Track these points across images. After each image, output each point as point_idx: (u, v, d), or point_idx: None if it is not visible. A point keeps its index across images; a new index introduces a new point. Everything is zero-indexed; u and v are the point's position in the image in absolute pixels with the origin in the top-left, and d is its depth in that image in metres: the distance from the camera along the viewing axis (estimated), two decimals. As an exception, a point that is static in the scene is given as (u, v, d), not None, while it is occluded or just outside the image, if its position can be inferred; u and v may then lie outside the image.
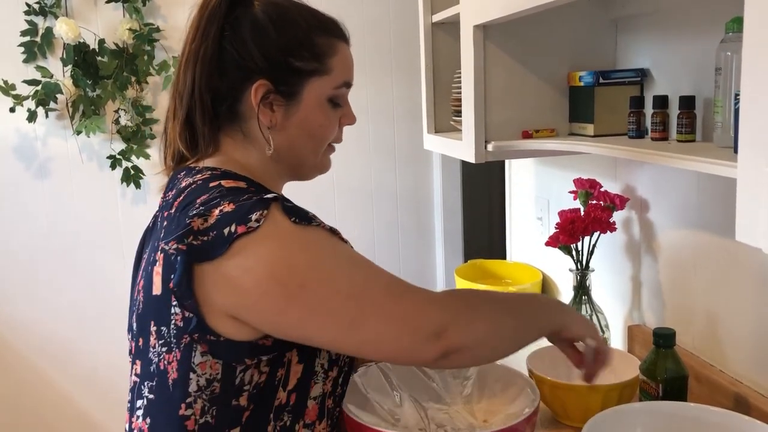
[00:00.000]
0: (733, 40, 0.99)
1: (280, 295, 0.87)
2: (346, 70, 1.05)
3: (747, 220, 0.69)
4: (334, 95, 1.04)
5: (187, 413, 0.93)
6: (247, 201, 0.88)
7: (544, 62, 1.49)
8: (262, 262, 0.86)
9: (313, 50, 1.00)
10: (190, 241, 0.88)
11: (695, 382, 1.27)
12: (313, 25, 1.01)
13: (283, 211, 0.89)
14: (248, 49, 0.98)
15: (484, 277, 2.10)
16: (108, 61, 2.58)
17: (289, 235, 0.88)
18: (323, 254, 0.90)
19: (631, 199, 1.52)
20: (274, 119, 1.00)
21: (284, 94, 0.99)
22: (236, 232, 0.85)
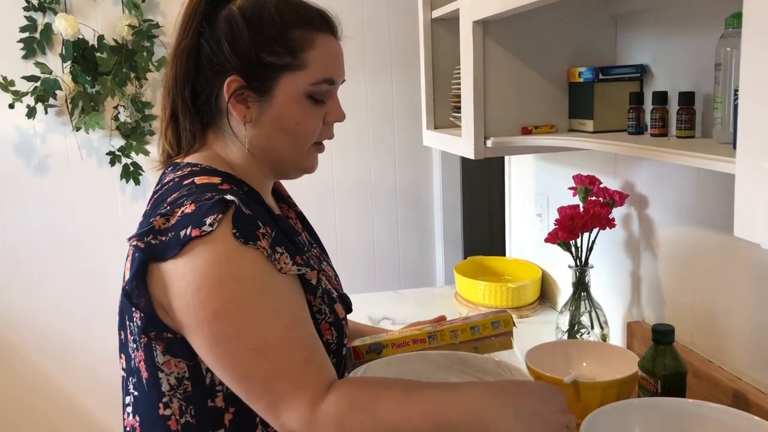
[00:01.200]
0: (732, 36, 0.99)
1: (195, 313, 0.86)
2: (327, 64, 1.00)
3: (746, 215, 0.69)
4: (313, 91, 0.99)
5: (167, 413, 0.94)
6: (207, 202, 0.88)
7: (544, 58, 1.49)
8: (196, 272, 0.86)
9: (286, 45, 0.97)
10: (149, 240, 0.88)
11: (694, 378, 1.27)
12: (290, 19, 0.97)
13: (233, 220, 0.87)
14: (221, 45, 0.97)
15: (483, 274, 2.10)
16: (107, 57, 2.58)
17: (227, 252, 0.86)
18: (248, 288, 0.87)
19: (630, 196, 1.52)
20: (249, 115, 0.99)
21: (257, 89, 0.98)
22: (190, 235, 0.86)
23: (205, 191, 0.91)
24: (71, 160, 2.68)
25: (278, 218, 1.02)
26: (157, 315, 0.90)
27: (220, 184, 0.94)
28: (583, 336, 1.52)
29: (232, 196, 0.89)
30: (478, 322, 1.21)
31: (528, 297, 1.93)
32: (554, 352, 1.37)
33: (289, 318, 0.89)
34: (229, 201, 0.88)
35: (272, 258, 0.89)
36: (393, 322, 1.89)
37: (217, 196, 0.89)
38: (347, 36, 1.10)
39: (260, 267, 0.88)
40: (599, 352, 1.38)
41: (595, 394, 1.21)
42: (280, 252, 0.90)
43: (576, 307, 1.52)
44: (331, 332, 0.99)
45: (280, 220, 1.02)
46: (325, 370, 0.90)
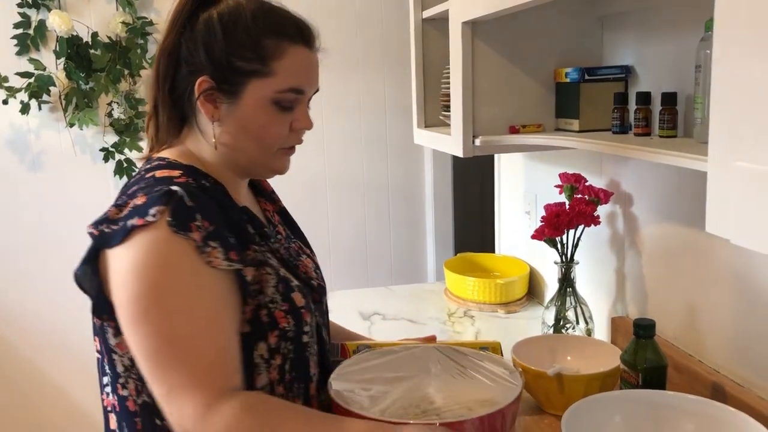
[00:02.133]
0: (711, 39, 1.02)
1: (120, 295, 0.92)
2: (295, 74, 1.03)
3: (716, 212, 0.72)
4: (279, 98, 1.03)
5: (124, 393, 0.99)
6: (156, 194, 0.93)
7: (532, 59, 1.52)
8: (131, 259, 0.91)
9: (256, 51, 1.00)
10: (102, 228, 0.94)
11: (675, 371, 1.30)
12: (263, 28, 1.01)
13: (171, 210, 0.92)
14: (197, 46, 1.02)
15: (473, 270, 2.13)
16: (101, 54, 2.60)
17: (157, 240, 0.91)
18: (171, 277, 0.92)
19: (615, 194, 1.55)
20: (217, 115, 1.03)
21: (226, 91, 1.02)
22: (134, 224, 0.91)
23: (159, 184, 0.96)
24: (65, 156, 2.70)
25: (239, 210, 1.06)
26: (106, 299, 0.96)
27: (178, 177, 0.99)
28: (568, 331, 1.55)
29: (178, 188, 0.94)
30: (468, 345, 1.26)
31: (516, 293, 1.97)
32: (540, 346, 1.40)
33: (205, 315, 0.93)
34: (174, 192, 0.93)
35: (202, 251, 0.92)
36: (384, 317, 1.91)
37: (166, 188, 0.94)
38: (334, 42, 1.13)
39: (187, 258, 0.92)
40: (584, 347, 1.41)
41: (579, 387, 1.24)
42: (213, 246, 0.93)
43: (561, 303, 1.55)
44: (287, 320, 1.02)
45: (239, 211, 1.05)
46: (228, 376, 0.93)
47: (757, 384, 1.18)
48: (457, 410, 1.10)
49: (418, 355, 1.22)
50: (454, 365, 1.20)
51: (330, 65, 3.16)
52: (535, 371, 1.27)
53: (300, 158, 3.20)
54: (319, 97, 2.85)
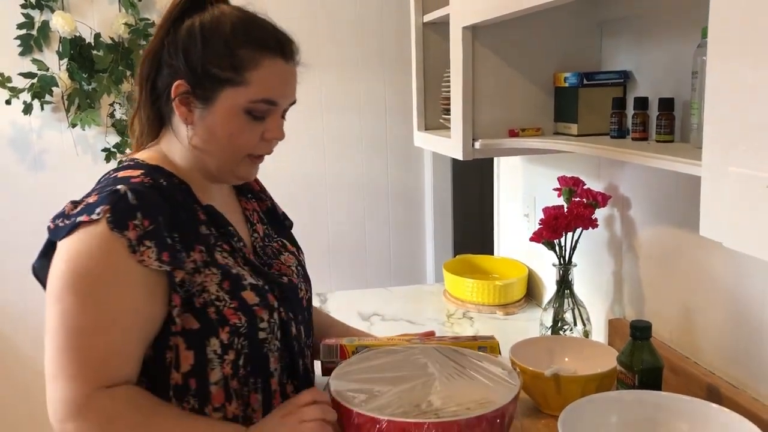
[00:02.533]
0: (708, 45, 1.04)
1: (51, 277, 0.98)
2: (269, 86, 1.06)
3: (710, 216, 0.74)
4: (252, 108, 1.05)
5: None
6: (105, 193, 0.99)
7: (531, 63, 1.54)
8: (68, 248, 0.97)
9: (231, 61, 1.03)
10: (57, 222, 1.01)
11: (671, 373, 1.31)
12: (241, 38, 1.04)
13: (112, 207, 0.97)
14: (177, 51, 1.06)
15: (472, 272, 2.14)
16: (103, 55, 2.62)
17: (93, 234, 0.97)
18: (96, 273, 0.96)
19: (613, 197, 1.56)
20: (190, 118, 1.07)
21: (200, 97, 1.05)
22: (81, 220, 0.97)
23: (114, 184, 1.01)
24: (67, 156, 2.72)
25: (199, 208, 1.09)
26: None
27: (136, 177, 1.03)
28: (566, 332, 1.56)
29: (124, 186, 0.99)
30: (466, 344, 1.27)
31: (514, 294, 1.98)
32: (538, 347, 1.41)
33: (113, 312, 0.98)
34: (118, 191, 0.98)
35: (134, 249, 0.97)
36: (383, 318, 1.93)
37: (114, 187, 0.99)
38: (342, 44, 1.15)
39: (115, 255, 0.97)
40: (581, 348, 1.42)
41: (576, 388, 1.26)
42: (147, 246, 0.97)
43: (559, 305, 1.57)
44: (238, 316, 1.05)
45: (196, 211, 1.08)
46: (113, 376, 0.98)
47: (751, 386, 1.20)
48: (456, 410, 1.11)
49: (418, 355, 1.23)
50: (452, 365, 1.21)
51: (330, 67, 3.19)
52: (533, 372, 1.28)
53: (300, 160, 3.23)
54: (319, 99, 2.88)
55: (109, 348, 0.98)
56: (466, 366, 1.21)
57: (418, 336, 1.37)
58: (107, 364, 0.98)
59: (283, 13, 1.25)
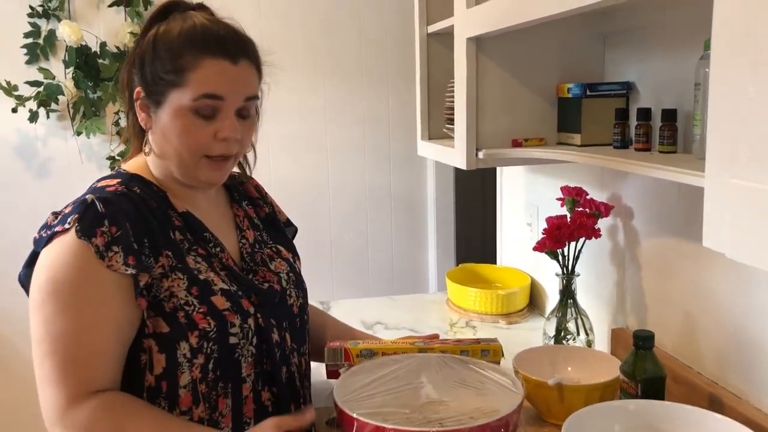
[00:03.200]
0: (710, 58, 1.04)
1: (30, 295, 1.05)
2: (210, 83, 1.07)
3: (713, 226, 0.75)
4: (196, 107, 1.07)
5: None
6: (77, 203, 1.05)
7: (535, 74, 1.55)
8: (43, 259, 1.04)
9: (174, 64, 1.08)
10: (41, 233, 1.07)
11: (673, 383, 1.32)
12: (185, 44, 1.08)
13: (80, 215, 1.02)
14: (138, 60, 1.12)
15: (475, 281, 2.15)
16: (109, 63, 2.64)
17: (63, 244, 1.02)
18: (69, 279, 1.01)
19: (616, 207, 1.57)
20: (149, 123, 1.13)
21: (153, 101, 1.11)
22: (56, 230, 1.03)
23: (89, 193, 1.07)
24: (72, 163, 2.73)
25: (173, 216, 1.13)
26: None
27: (111, 186, 1.09)
28: (569, 342, 1.57)
29: (92, 195, 1.05)
30: (469, 348, 1.28)
31: (517, 304, 1.99)
32: (541, 356, 1.42)
33: (90, 316, 1.02)
34: (86, 201, 1.04)
35: (102, 255, 1.01)
36: (386, 327, 1.93)
37: (85, 197, 1.05)
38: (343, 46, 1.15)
39: (85, 261, 1.01)
40: (584, 358, 1.43)
41: (579, 397, 1.26)
42: (115, 251, 1.02)
43: (563, 314, 1.57)
44: (207, 321, 1.08)
45: (167, 218, 1.12)
46: (96, 378, 1.02)
47: (753, 395, 1.20)
48: (460, 419, 1.12)
49: (422, 363, 1.24)
50: (456, 374, 1.22)
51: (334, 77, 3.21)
52: (536, 381, 1.29)
53: (304, 169, 3.24)
54: (323, 108, 2.90)
55: (91, 351, 1.02)
56: (470, 374, 1.21)
57: (422, 339, 1.37)
58: (90, 367, 1.02)
59: (286, 24, 1.26)
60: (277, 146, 2.84)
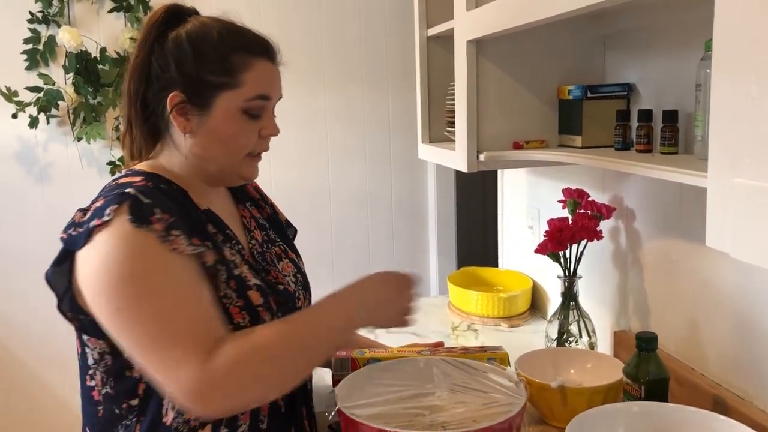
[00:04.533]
0: (711, 59, 1.04)
1: (95, 290, 0.99)
2: (261, 84, 1.10)
3: (716, 227, 0.74)
4: (248, 107, 1.10)
5: (92, 384, 1.07)
6: (111, 196, 1.01)
7: (535, 76, 1.55)
8: (97, 255, 0.98)
9: (224, 66, 1.08)
10: (70, 232, 1.02)
11: (677, 384, 1.31)
12: (229, 44, 1.09)
13: (129, 208, 0.99)
14: (168, 63, 1.09)
15: (476, 284, 2.14)
16: (109, 69, 2.63)
17: (123, 234, 0.98)
18: (141, 264, 0.98)
19: (617, 209, 1.57)
20: (189, 127, 1.10)
21: (197, 104, 1.09)
22: (95, 225, 0.98)
23: (117, 188, 1.04)
24: (72, 169, 2.73)
25: (199, 213, 1.12)
26: (73, 298, 1.03)
27: (138, 182, 1.06)
28: (571, 344, 1.56)
29: (130, 189, 1.01)
30: (475, 356, 1.29)
31: (519, 307, 1.98)
32: (543, 359, 1.41)
33: (177, 291, 0.99)
34: (126, 193, 1.00)
35: (165, 239, 0.99)
36: (388, 330, 1.92)
37: (121, 190, 1.01)
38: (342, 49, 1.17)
39: (152, 247, 0.98)
40: (586, 360, 1.42)
41: (582, 399, 1.26)
42: (176, 234, 1.00)
43: (565, 317, 1.57)
44: (242, 315, 1.07)
45: (196, 214, 1.11)
46: (216, 329, 0.99)
47: (758, 397, 1.20)
48: (463, 422, 1.11)
49: (425, 367, 1.24)
50: (459, 377, 1.21)
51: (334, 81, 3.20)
52: (539, 384, 1.28)
53: (304, 172, 3.24)
54: (323, 112, 2.90)
55: (198, 311, 0.99)
56: (473, 377, 1.21)
57: (428, 347, 1.37)
58: (206, 323, 0.98)
59: (287, 28, 1.27)
60: (277, 151, 2.83)
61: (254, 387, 0.98)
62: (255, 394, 1.00)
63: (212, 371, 0.94)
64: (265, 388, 1.00)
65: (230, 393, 0.95)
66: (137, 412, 1.05)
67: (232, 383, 0.95)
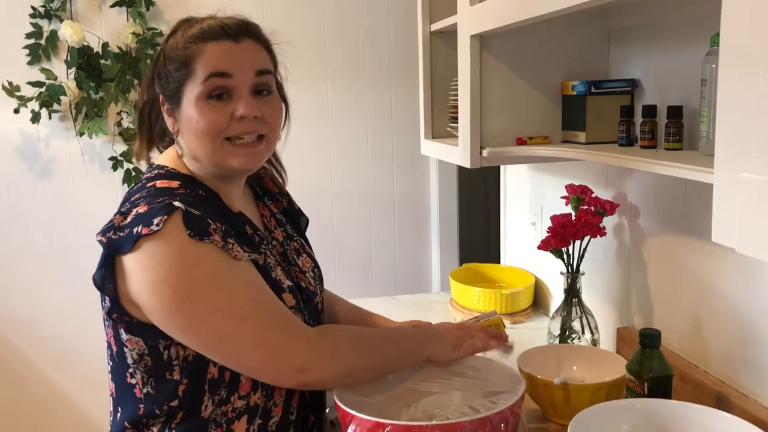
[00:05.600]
0: (717, 54, 1.03)
1: (168, 299, 1.00)
2: (212, 64, 1.10)
3: (722, 222, 0.74)
4: (207, 89, 1.09)
5: (132, 382, 1.09)
6: (157, 205, 1.02)
7: (539, 72, 1.54)
8: (159, 264, 1.00)
9: (183, 59, 1.11)
10: (110, 235, 1.03)
11: (680, 381, 1.31)
12: (190, 39, 1.11)
13: (183, 221, 1.01)
14: (158, 71, 1.16)
15: (478, 280, 2.14)
16: (111, 64, 2.63)
17: (184, 247, 1.00)
18: (213, 270, 1.02)
19: (621, 205, 1.56)
20: (175, 126, 1.15)
21: (172, 102, 1.14)
22: (141, 233, 1.00)
23: (159, 195, 1.06)
24: (74, 164, 2.73)
25: (235, 216, 1.15)
26: (120, 301, 1.05)
27: (177, 189, 1.09)
28: (574, 341, 1.56)
29: (179, 202, 1.03)
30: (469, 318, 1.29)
31: (521, 303, 1.98)
32: (546, 355, 1.41)
33: (256, 288, 1.06)
34: (176, 206, 1.02)
35: (226, 248, 1.03)
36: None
37: (167, 200, 1.03)
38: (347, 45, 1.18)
39: (217, 256, 1.02)
40: (589, 356, 1.42)
41: (585, 396, 1.25)
42: (232, 242, 1.05)
43: (567, 313, 1.56)
44: None
45: (234, 217, 1.15)
46: (299, 319, 1.10)
47: (761, 394, 1.19)
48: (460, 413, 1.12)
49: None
50: (457, 368, 1.22)
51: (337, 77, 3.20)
52: (542, 380, 1.28)
53: (306, 169, 3.24)
54: (326, 108, 2.89)
55: (279, 305, 1.07)
56: (471, 369, 1.21)
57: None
58: (290, 314, 1.07)
59: (290, 25, 1.27)
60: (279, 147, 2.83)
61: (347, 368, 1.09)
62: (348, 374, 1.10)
63: (319, 348, 1.05)
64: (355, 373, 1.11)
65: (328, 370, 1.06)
66: (177, 410, 1.08)
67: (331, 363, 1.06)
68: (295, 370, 1.04)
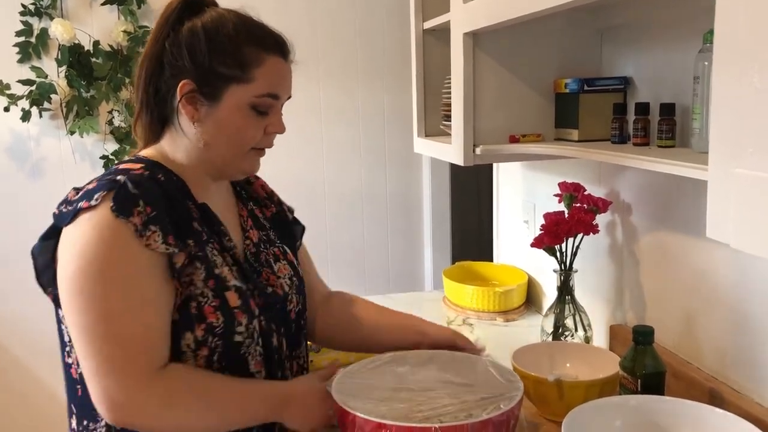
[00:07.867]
0: (710, 51, 1.03)
1: (61, 269, 1.02)
2: (272, 81, 1.11)
3: (716, 218, 0.74)
4: (257, 103, 1.10)
5: (69, 361, 1.09)
6: (104, 181, 1.03)
7: (532, 69, 1.54)
8: (76, 238, 1.00)
9: (237, 58, 1.08)
10: (61, 208, 1.05)
11: (673, 378, 1.31)
12: (244, 38, 1.09)
13: (114, 196, 1.00)
14: (182, 51, 1.09)
15: (471, 279, 2.14)
16: (102, 62, 2.62)
17: (101, 220, 0.99)
18: (112, 252, 0.99)
19: (614, 203, 1.57)
20: (196, 116, 1.10)
21: (206, 95, 1.09)
22: (81, 206, 1.00)
23: (114, 174, 1.05)
24: (65, 163, 2.71)
25: (200, 206, 1.12)
26: (54, 272, 1.05)
27: (136, 169, 1.07)
28: (567, 338, 1.56)
29: (122, 176, 1.02)
30: None
31: (514, 301, 1.98)
32: (539, 353, 1.41)
33: (139, 294, 1.01)
34: (119, 179, 1.02)
35: (141, 234, 1.00)
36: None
37: (114, 176, 1.03)
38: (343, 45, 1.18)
39: (125, 240, 1.00)
40: (582, 354, 1.42)
41: (578, 393, 1.25)
42: (153, 230, 1.01)
43: (560, 311, 1.56)
44: (216, 316, 1.07)
45: (189, 207, 1.11)
46: (158, 352, 1.03)
47: (754, 390, 1.20)
48: (459, 415, 1.11)
49: (421, 360, 1.23)
50: (455, 370, 1.21)
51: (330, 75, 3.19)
52: (535, 378, 1.28)
53: (299, 168, 3.23)
54: (319, 106, 2.89)
55: (148, 326, 1.01)
56: (470, 371, 1.21)
57: None
58: (151, 343, 1.01)
59: (283, 21, 1.26)
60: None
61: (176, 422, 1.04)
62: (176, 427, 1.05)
63: (143, 399, 0.99)
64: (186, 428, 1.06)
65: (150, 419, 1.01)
66: None
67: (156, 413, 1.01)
68: (115, 406, 0.99)
